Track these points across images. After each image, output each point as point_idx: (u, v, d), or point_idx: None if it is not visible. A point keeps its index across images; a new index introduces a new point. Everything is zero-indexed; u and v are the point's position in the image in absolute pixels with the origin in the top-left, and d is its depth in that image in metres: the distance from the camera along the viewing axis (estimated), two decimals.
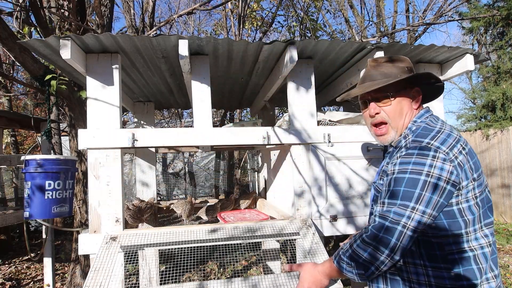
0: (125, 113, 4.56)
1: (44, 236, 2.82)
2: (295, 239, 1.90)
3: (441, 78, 2.35)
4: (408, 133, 1.11)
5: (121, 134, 1.82)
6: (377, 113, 1.17)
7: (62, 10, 2.98)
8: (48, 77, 2.26)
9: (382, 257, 0.97)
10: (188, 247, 1.81)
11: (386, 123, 1.16)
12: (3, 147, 5.04)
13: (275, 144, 2.09)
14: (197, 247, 1.80)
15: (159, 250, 2.61)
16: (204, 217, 2.57)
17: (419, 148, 1.00)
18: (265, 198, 3.13)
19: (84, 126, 2.24)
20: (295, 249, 1.90)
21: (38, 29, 2.79)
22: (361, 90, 1.18)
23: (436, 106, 2.31)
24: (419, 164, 0.98)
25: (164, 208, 3.07)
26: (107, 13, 3.40)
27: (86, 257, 2.94)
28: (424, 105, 1.23)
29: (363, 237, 1.01)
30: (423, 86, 1.19)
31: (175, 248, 1.79)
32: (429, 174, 0.96)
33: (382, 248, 0.97)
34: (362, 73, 2.14)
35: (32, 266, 4.52)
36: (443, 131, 1.04)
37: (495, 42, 8.15)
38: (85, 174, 3.09)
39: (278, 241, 2.92)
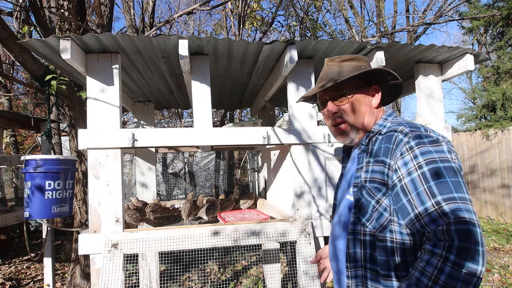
0: (125, 113, 4.56)
1: (44, 236, 2.82)
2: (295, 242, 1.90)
3: (441, 78, 2.35)
4: (382, 129, 1.04)
5: (121, 134, 1.82)
6: (335, 112, 1.10)
7: (62, 10, 2.98)
8: (48, 77, 2.26)
9: (475, 276, 0.74)
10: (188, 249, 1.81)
11: (345, 122, 1.10)
12: (3, 147, 5.04)
13: (275, 144, 2.09)
14: (197, 248, 1.80)
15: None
16: (205, 217, 2.57)
17: (425, 136, 0.90)
18: (265, 198, 3.13)
19: (84, 126, 2.23)
20: (294, 252, 1.90)
21: (38, 29, 2.79)
22: (317, 89, 1.12)
23: (436, 106, 2.31)
24: (441, 152, 0.87)
25: (166, 208, 3.07)
26: (107, 13, 3.40)
27: (86, 257, 2.93)
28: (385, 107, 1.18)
29: (450, 260, 0.75)
30: (382, 86, 1.14)
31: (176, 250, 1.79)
32: (453, 160, 0.87)
33: (474, 265, 0.74)
34: None
35: (32, 266, 4.52)
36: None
37: (495, 42, 8.15)
38: (85, 174, 3.09)
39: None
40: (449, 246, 0.76)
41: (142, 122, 3.22)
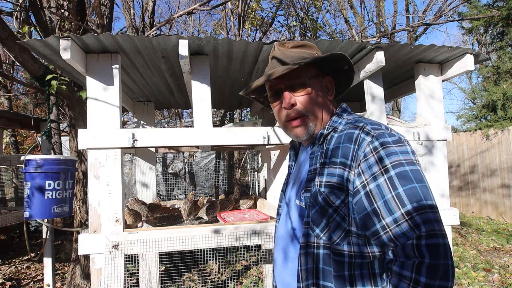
0: (125, 113, 4.56)
1: (44, 236, 2.82)
2: None
3: (441, 78, 2.35)
4: (338, 126, 0.91)
5: (121, 134, 1.82)
6: (293, 105, 0.93)
7: (62, 10, 2.98)
8: (48, 77, 2.26)
9: (448, 287, 0.69)
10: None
11: (304, 116, 0.94)
12: (3, 147, 5.04)
13: (275, 144, 2.09)
14: (197, 249, 1.80)
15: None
16: (205, 217, 2.58)
17: (389, 135, 0.81)
18: (265, 198, 3.13)
19: (84, 126, 2.23)
20: None
21: (38, 29, 2.79)
22: (271, 76, 0.93)
23: (436, 106, 2.31)
24: (406, 153, 0.78)
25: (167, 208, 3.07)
26: (107, 13, 3.40)
27: (86, 257, 2.93)
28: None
29: (421, 283, 0.69)
30: (335, 77, 1.03)
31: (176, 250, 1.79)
32: (418, 162, 0.80)
33: (445, 283, 0.69)
34: (362, 73, 2.14)
35: (32, 266, 4.52)
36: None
37: (495, 42, 8.16)
38: (85, 174, 3.09)
39: None
40: (419, 266, 0.70)
41: (142, 122, 3.22)
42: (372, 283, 0.80)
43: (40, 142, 3.39)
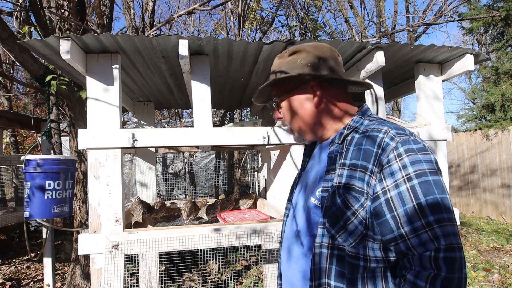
0: (125, 113, 4.56)
1: (44, 236, 2.82)
2: None
3: (442, 78, 2.35)
4: (359, 127, 0.91)
5: (121, 134, 1.82)
6: (280, 118, 1.04)
7: (62, 10, 2.98)
8: (48, 78, 2.26)
9: None
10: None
11: (292, 128, 1.05)
12: (3, 147, 5.04)
13: (275, 144, 2.09)
14: (198, 249, 1.80)
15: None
16: (205, 217, 2.58)
17: (414, 142, 0.80)
18: (265, 198, 3.14)
19: (84, 126, 2.23)
20: None
21: (38, 29, 2.79)
22: (254, 95, 1.04)
23: (436, 106, 2.31)
24: (429, 162, 0.77)
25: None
26: (107, 13, 3.40)
27: (86, 257, 2.93)
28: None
29: None
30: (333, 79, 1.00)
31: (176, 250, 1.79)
32: (440, 172, 0.79)
33: None
34: (362, 73, 2.14)
35: (32, 266, 4.52)
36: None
37: (495, 43, 8.16)
38: (85, 174, 3.09)
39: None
40: (434, 278, 0.70)
41: (142, 122, 3.22)
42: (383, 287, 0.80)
43: (40, 142, 3.39)
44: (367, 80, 0.98)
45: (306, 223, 0.94)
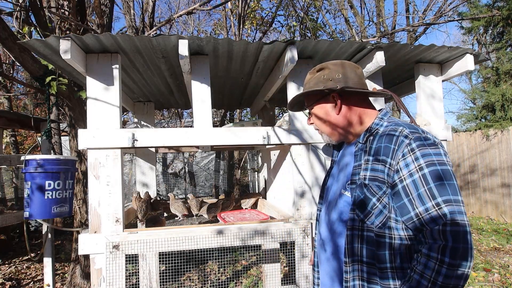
0: (125, 113, 4.56)
1: (44, 236, 2.82)
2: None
3: (442, 78, 2.35)
4: (379, 128, 1.08)
5: (121, 134, 1.82)
6: (312, 123, 1.27)
7: (62, 10, 2.98)
8: (48, 78, 2.26)
9: (466, 271, 0.85)
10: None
11: (322, 133, 1.26)
12: (3, 147, 5.04)
13: (275, 144, 2.09)
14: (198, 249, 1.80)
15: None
16: (205, 216, 2.58)
17: (424, 139, 0.96)
18: (265, 198, 3.14)
19: (84, 126, 2.24)
20: (292, 251, 1.90)
21: (38, 29, 2.79)
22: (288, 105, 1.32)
23: (436, 106, 2.31)
24: (439, 155, 0.93)
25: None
26: (107, 13, 3.40)
27: (86, 257, 2.93)
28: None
29: (445, 262, 0.84)
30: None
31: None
32: (449, 163, 0.94)
33: (465, 262, 0.84)
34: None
35: (32, 266, 4.52)
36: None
37: (495, 43, 8.15)
38: (85, 174, 3.09)
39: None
40: (443, 249, 0.86)
41: (142, 122, 3.22)
42: (407, 261, 0.96)
43: (40, 142, 3.39)
44: (381, 89, 1.17)
45: (346, 213, 1.09)
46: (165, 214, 2.81)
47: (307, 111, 1.27)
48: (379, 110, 1.17)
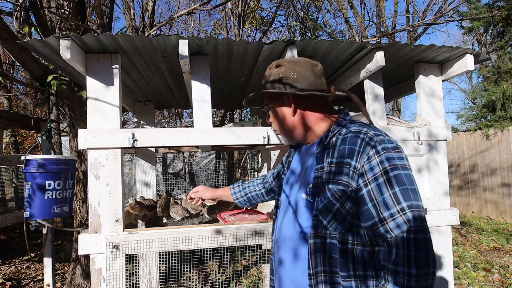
0: (125, 113, 4.56)
1: (44, 236, 2.82)
2: None
3: (442, 78, 2.35)
4: (341, 129, 1.03)
5: (121, 134, 1.82)
6: (270, 123, 1.24)
7: (62, 10, 2.98)
8: (49, 78, 2.26)
9: (431, 278, 0.84)
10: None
11: (277, 134, 1.23)
12: (3, 147, 5.04)
13: (275, 144, 2.09)
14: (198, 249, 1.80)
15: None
16: (206, 215, 2.59)
17: (388, 142, 0.93)
18: None
19: (84, 126, 2.23)
20: None
21: (38, 29, 2.79)
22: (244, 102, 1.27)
23: (436, 106, 2.31)
24: (401, 159, 0.91)
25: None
26: (107, 13, 3.40)
27: (86, 257, 2.94)
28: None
29: (413, 274, 0.82)
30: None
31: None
32: (410, 167, 0.92)
33: (430, 269, 0.83)
34: (362, 73, 2.14)
35: (32, 266, 4.52)
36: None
37: (495, 42, 8.15)
38: (85, 174, 3.09)
39: None
40: (408, 260, 0.83)
41: (142, 122, 3.21)
42: (370, 268, 0.92)
43: (40, 142, 3.39)
44: (338, 92, 1.13)
45: (302, 219, 1.03)
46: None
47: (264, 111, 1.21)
48: (339, 110, 1.13)
